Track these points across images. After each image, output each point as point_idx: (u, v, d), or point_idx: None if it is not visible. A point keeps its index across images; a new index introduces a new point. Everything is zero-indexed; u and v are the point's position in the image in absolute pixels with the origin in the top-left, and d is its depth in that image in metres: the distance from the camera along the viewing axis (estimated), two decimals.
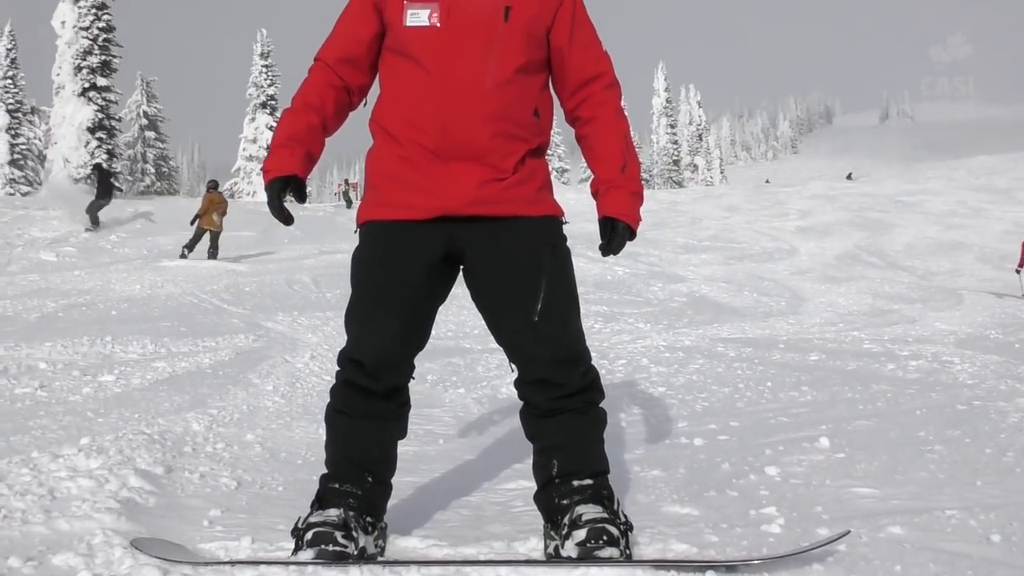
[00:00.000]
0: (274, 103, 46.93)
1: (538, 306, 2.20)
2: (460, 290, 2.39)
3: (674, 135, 77.97)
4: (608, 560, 2.01)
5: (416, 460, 3.37)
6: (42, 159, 42.69)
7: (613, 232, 2.31)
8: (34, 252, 15.33)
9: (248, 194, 45.64)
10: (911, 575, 1.97)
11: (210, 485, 2.96)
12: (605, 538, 2.04)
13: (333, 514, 2.15)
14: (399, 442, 2.38)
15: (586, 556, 2.02)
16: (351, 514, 2.17)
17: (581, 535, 2.05)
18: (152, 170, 53.35)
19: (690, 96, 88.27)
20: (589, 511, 2.12)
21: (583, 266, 13.31)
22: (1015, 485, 2.80)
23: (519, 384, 2.31)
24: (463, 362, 6.10)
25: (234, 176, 49.04)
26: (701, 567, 1.96)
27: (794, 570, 1.98)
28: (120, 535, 2.22)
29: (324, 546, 2.06)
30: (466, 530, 2.46)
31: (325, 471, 2.30)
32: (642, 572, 1.94)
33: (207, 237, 16.67)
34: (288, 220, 2.27)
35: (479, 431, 4.18)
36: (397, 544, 2.29)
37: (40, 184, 34.95)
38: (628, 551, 2.08)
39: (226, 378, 5.20)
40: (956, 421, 3.92)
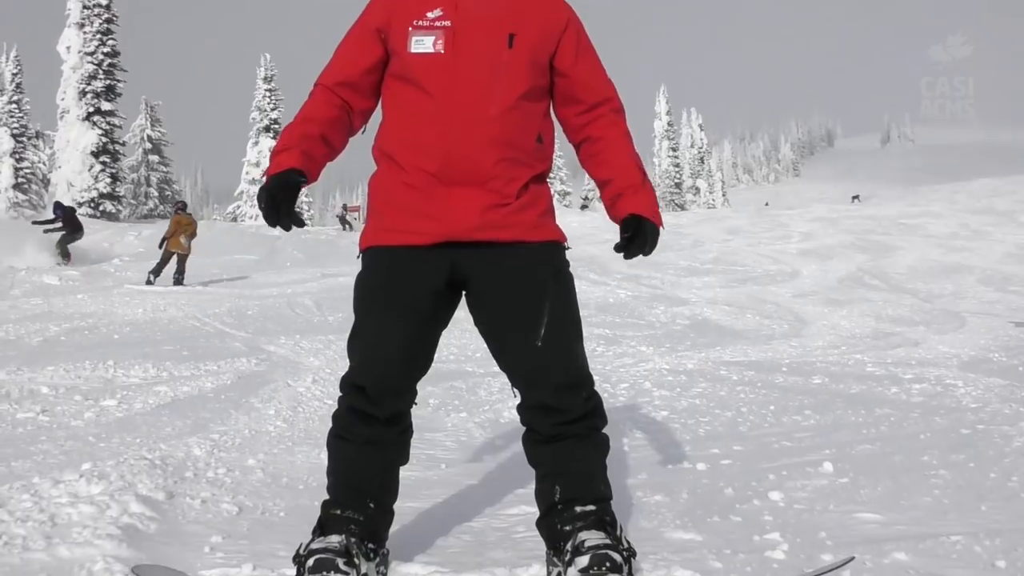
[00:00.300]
0: (277, 127, 47.27)
1: (541, 331, 2.20)
2: (462, 313, 2.39)
3: (676, 158, 78.40)
4: None
5: (418, 485, 3.36)
6: (46, 183, 42.90)
7: (639, 230, 2.27)
8: (37, 276, 15.36)
9: (251, 217, 45.80)
10: None
11: (211, 511, 2.95)
12: (608, 564, 2.03)
13: (335, 540, 2.14)
14: (401, 467, 2.38)
15: None
16: (353, 540, 2.16)
17: (584, 562, 2.04)
18: (155, 193, 53.56)
19: (692, 119, 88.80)
20: (592, 537, 2.11)
21: (585, 289, 13.32)
22: (1020, 510, 2.79)
23: (521, 409, 2.31)
24: (465, 386, 6.09)
25: (237, 199, 49.27)
26: None
27: None
28: (121, 562, 2.21)
29: (326, 573, 2.05)
30: (468, 556, 2.45)
31: (327, 497, 2.30)
32: None
33: (175, 260, 15.74)
34: (282, 223, 2.17)
35: (481, 456, 4.17)
36: (399, 570, 2.28)
37: (44, 208, 35.04)
38: None
39: (228, 402, 5.19)
40: (960, 445, 3.91)
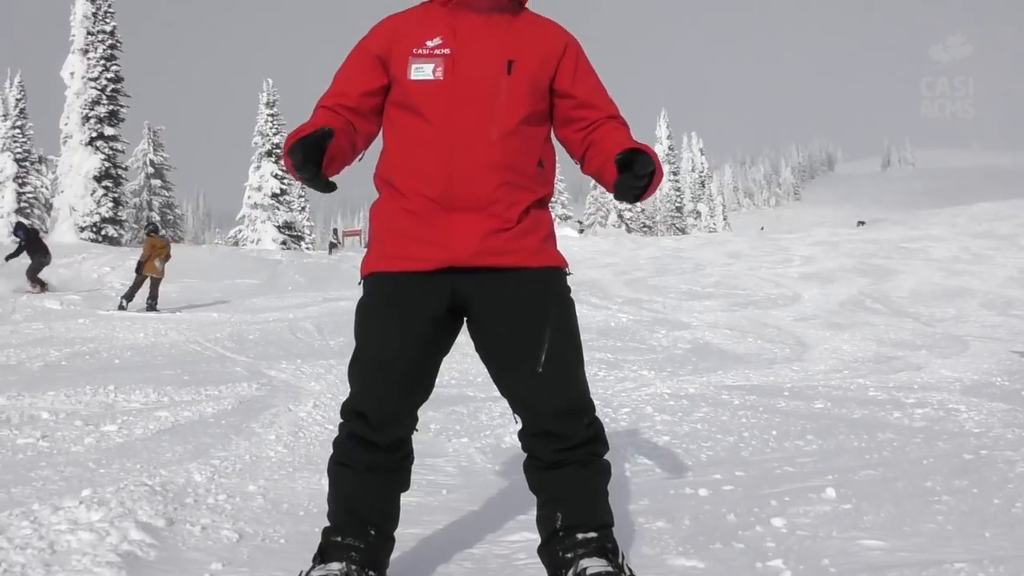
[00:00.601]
0: (279, 151, 47.48)
1: (542, 357, 2.20)
2: (464, 338, 2.39)
3: (677, 182, 78.72)
4: None
5: (419, 511, 3.34)
6: (49, 208, 43.07)
7: (635, 162, 2.07)
8: (39, 300, 15.37)
9: (253, 242, 45.93)
10: None
11: (211, 538, 2.94)
12: None
13: (336, 568, 2.14)
14: (402, 493, 2.37)
15: None
16: (354, 568, 2.15)
17: None
18: (157, 218, 53.78)
19: (692, 143, 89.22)
20: (593, 565, 2.10)
21: (587, 313, 13.31)
22: None
23: (523, 436, 2.30)
24: (466, 411, 6.06)
25: (239, 224, 49.40)
26: None
27: None
28: None
29: None
30: None
31: (327, 524, 2.29)
32: None
33: (147, 285, 15.19)
34: (323, 181, 2.08)
35: (482, 482, 4.15)
36: None
37: (47, 232, 35.12)
38: None
39: (229, 427, 5.17)
40: (963, 471, 3.89)
